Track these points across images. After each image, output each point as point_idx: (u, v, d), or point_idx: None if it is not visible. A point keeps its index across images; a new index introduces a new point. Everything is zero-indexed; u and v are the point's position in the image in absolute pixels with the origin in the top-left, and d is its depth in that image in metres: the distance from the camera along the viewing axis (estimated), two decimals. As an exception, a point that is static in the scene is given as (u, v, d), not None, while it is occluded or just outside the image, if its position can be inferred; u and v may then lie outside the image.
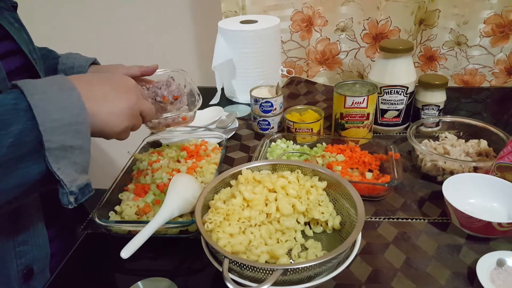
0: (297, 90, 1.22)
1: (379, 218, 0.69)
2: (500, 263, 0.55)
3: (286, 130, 0.94)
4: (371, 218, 0.69)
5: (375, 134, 0.96)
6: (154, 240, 0.57)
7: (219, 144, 0.90)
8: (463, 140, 0.83)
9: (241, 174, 0.61)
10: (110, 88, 0.50)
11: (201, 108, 1.04)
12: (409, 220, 0.68)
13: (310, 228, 0.62)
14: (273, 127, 0.98)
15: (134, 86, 0.54)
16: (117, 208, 0.69)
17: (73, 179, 0.44)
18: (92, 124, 0.46)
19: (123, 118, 0.50)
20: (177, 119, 0.68)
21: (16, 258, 0.60)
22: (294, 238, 0.59)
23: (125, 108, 0.50)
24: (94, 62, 0.79)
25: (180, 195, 0.62)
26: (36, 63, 0.64)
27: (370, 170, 0.78)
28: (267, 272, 0.46)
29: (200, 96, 0.70)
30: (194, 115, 0.70)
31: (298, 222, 0.59)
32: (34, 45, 0.66)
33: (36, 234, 0.63)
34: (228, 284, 0.45)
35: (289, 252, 0.57)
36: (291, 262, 0.55)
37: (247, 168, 0.63)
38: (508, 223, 0.58)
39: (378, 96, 0.91)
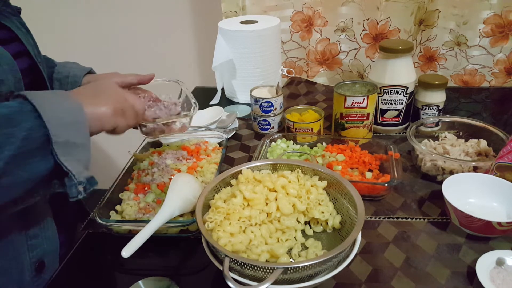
0: (297, 90, 1.23)
1: (379, 218, 0.69)
2: (500, 262, 0.55)
3: (286, 130, 0.95)
4: (371, 218, 0.69)
5: (375, 134, 0.96)
6: (154, 240, 0.57)
7: (220, 144, 0.90)
8: (463, 140, 0.83)
9: (241, 173, 0.62)
10: (96, 90, 0.56)
11: (202, 108, 1.05)
12: (409, 219, 0.69)
13: (310, 227, 0.62)
14: (273, 127, 0.98)
15: (116, 87, 0.58)
16: (117, 207, 0.70)
17: (80, 170, 0.46)
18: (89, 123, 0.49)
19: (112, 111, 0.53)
20: (172, 125, 0.68)
21: (29, 251, 0.62)
22: (294, 237, 0.59)
23: (114, 103, 0.54)
24: (90, 72, 0.77)
25: (180, 194, 0.62)
26: (40, 65, 0.66)
27: (370, 170, 0.78)
28: (268, 271, 0.46)
29: (197, 104, 0.69)
30: (190, 123, 0.70)
31: (298, 222, 0.60)
32: (38, 49, 0.68)
33: (45, 228, 0.65)
34: (229, 283, 0.45)
35: (289, 251, 0.57)
36: (291, 261, 0.55)
37: (247, 168, 0.63)
38: (507, 222, 0.58)
39: (378, 96, 0.91)
